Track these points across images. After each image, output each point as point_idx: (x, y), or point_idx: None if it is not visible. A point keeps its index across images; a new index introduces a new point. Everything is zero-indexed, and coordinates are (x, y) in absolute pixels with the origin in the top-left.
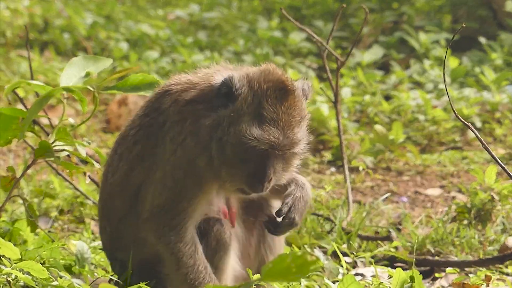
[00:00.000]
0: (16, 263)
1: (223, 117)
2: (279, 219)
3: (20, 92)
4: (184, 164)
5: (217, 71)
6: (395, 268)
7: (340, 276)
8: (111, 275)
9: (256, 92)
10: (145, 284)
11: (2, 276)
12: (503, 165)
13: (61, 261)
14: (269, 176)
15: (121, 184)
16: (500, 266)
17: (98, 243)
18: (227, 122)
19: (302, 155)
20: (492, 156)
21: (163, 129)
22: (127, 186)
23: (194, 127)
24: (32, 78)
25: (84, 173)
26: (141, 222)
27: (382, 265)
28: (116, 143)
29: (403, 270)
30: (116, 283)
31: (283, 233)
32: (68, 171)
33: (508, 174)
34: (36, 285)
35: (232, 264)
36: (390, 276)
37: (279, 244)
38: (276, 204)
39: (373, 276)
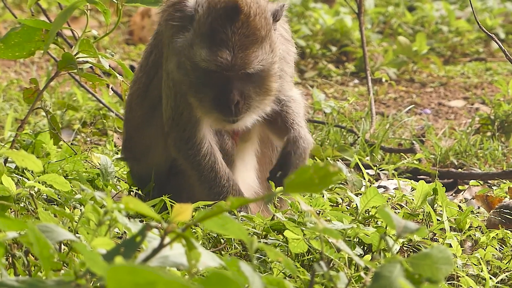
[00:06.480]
0: (38, 176)
1: (186, 40)
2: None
3: (43, 4)
4: (169, 70)
5: None
6: (418, 181)
7: (363, 189)
8: (131, 186)
9: (211, 13)
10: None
11: (25, 189)
12: None
13: (84, 174)
14: (234, 99)
15: (141, 95)
16: None
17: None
18: (187, 44)
19: (277, 77)
20: None
21: (163, 36)
22: (145, 99)
23: (171, 35)
24: None
25: (107, 85)
26: (165, 137)
27: (405, 178)
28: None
29: (426, 182)
30: (137, 196)
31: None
32: (91, 83)
33: None
34: (59, 198)
35: (250, 182)
36: (413, 189)
37: None
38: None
39: (396, 189)
